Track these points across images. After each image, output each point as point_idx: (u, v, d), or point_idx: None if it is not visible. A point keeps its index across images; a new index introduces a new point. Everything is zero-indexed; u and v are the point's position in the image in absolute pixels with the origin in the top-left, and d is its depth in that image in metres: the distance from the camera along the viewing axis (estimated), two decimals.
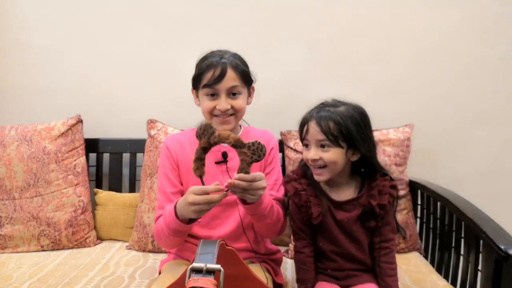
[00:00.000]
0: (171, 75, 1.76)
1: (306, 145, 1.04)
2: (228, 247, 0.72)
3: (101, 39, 1.78)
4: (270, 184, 1.15)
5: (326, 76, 1.75)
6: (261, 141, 0.89)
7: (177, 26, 1.75)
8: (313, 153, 1.01)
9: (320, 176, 1.03)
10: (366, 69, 1.74)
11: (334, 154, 0.99)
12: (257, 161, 0.88)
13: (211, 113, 1.10)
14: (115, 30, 1.77)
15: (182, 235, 1.03)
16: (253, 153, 0.87)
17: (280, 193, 1.16)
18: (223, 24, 1.75)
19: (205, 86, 1.08)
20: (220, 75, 1.06)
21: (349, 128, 0.98)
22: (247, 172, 0.88)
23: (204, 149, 0.89)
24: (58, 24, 1.78)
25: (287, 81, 1.76)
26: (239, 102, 1.10)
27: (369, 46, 1.73)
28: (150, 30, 1.77)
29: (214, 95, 1.09)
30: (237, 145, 0.87)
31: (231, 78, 1.08)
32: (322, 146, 1.00)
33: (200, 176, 0.89)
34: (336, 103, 1.03)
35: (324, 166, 1.01)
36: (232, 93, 1.09)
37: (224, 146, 1.14)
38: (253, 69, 1.15)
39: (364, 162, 1.05)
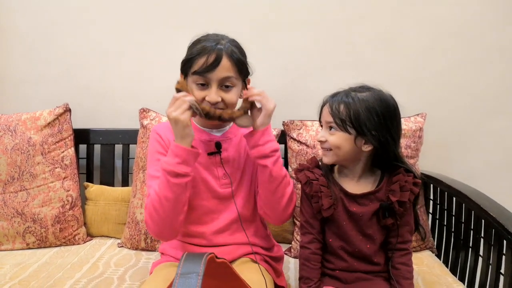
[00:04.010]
0: (164, 61, 1.64)
1: (321, 127, 1.01)
2: (220, 260, 0.61)
3: (90, 23, 1.66)
4: None
5: (332, 64, 1.64)
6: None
7: (170, 9, 1.64)
8: (320, 134, 0.99)
9: (325, 157, 1.00)
10: (375, 57, 1.63)
11: (339, 139, 0.95)
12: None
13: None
14: (104, 13, 1.66)
15: (187, 174, 0.91)
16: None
17: None
18: (220, 8, 1.63)
19: (195, 73, 0.95)
20: (213, 62, 0.93)
21: (359, 113, 0.92)
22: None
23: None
24: (43, 9, 1.66)
25: (290, 69, 1.65)
26: (230, 95, 0.97)
27: (379, 32, 1.62)
28: (141, 13, 1.65)
29: (204, 85, 0.96)
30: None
31: (225, 68, 0.94)
32: (330, 128, 0.96)
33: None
34: (361, 89, 0.98)
35: (330, 149, 0.97)
36: (225, 85, 0.96)
37: (218, 136, 1.05)
38: (252, 56, 1.03)
39: (384, 155, 0.98)
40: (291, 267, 1.31)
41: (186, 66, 0.98)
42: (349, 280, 1.00)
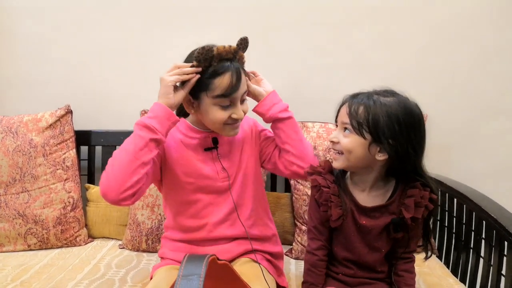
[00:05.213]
0: (165, 64, 1.62)
1: (336, 127, 0.97)
2: (221, 261, 0.61)
3: (92, 25, 1.67)
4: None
5: (332, 66, 1.64)
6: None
7: (171, 12, 1.64)
8: (333, 134, 0.93)
9: (335, 162, 0.94)
10: (376, 58, 1.63)
11: (352, 143, 0.88)
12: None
13: (225, 123, 0.99)
14: (106, 16, 1.66)
15: (154, 130, 0.91)
16: (243, 48, 0.97)
17: None
18: (220, 10, 1.63)
19: (220, 96, 0.94)
20: (237, 82, 0.94)
21: (378, 118, 0.85)
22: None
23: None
24: (46, 10, 1.67)
25: (290, 70, 1.65)
26: (247, 107, 1.03)
27: (380, 34, 1.62)
28: (143, 16, 1.65)
29: (229, 105, 0.97)
30: (236, 54, 0.94)
31: (243, 83, 0.98)
32: (345, 129, 0.91)
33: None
34: (385, 93, 0.90)
35: (341, 153, 0.92)
36: (242, 99, 1.00)
37: (213, 133, 1.05)
38: (253, 58, 1.04)
39: (400, 166, 0.91)
40: (291, 268, 1.31)
41: (202, 86, 0.95)
42: (352, 283, 0.99)
